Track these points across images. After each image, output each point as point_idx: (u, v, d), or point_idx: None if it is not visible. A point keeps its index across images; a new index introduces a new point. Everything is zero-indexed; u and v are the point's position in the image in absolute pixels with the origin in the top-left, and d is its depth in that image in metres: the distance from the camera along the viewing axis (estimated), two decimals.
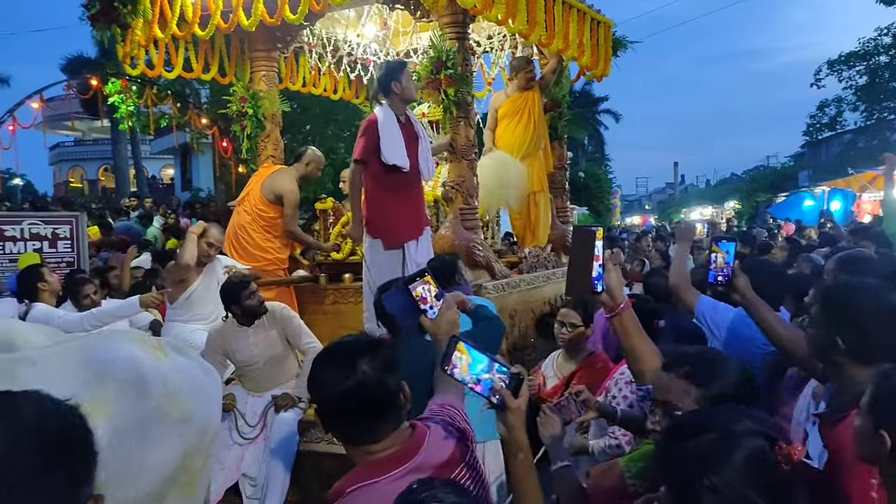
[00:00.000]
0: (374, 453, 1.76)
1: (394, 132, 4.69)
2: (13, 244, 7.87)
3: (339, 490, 1.75)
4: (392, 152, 4.64)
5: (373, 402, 1.74)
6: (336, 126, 14.98)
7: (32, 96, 11.91)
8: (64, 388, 2.76)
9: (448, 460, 1.82)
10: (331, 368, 1.78)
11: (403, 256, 4.71)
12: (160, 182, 34.11)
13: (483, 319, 3.42)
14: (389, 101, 4.79)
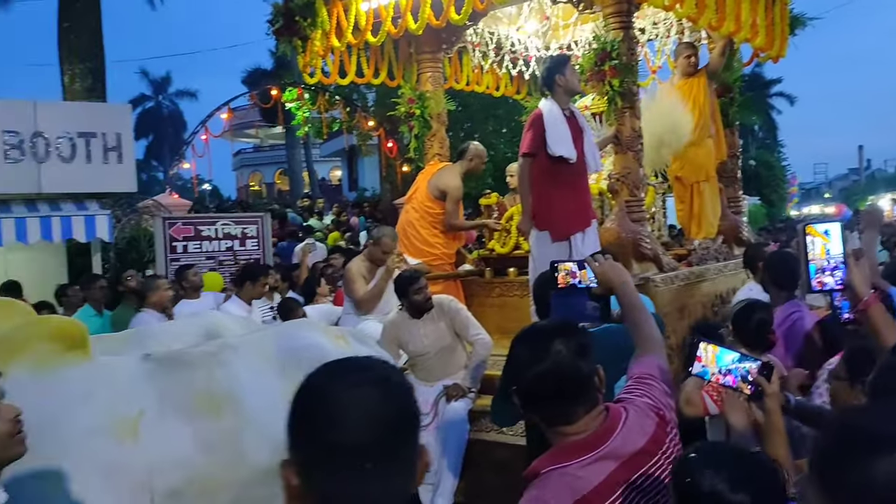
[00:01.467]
0: (567, 436, 1.78)
1: (559, 124, 4.74)
2: (209, 242, 8.71)
3: (534, 470, 1.79)
4: (558, 144, 4.69)
5: (567, 384, 1.76)
6: (496, 122, 15.17)
7: (221, 108, 13.07)
8: (260, 372, 3.08)
9: (644, 448, 1.80)
10: (528, 350, 1.82)
11: (570, 249, 4.72)
12: (329, 183, 36.04)
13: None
14: (554, 95, 4.84)
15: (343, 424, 1.10)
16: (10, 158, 8.79)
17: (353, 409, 1.11)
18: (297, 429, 1.15)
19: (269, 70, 33.02)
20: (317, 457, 1.12)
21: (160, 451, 2.70)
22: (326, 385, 1.15)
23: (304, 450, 1.14)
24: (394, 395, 1.14)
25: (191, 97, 41.89)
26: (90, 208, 9.15)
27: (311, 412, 1.13)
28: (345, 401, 1.12)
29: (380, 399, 1.12)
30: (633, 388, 1.98)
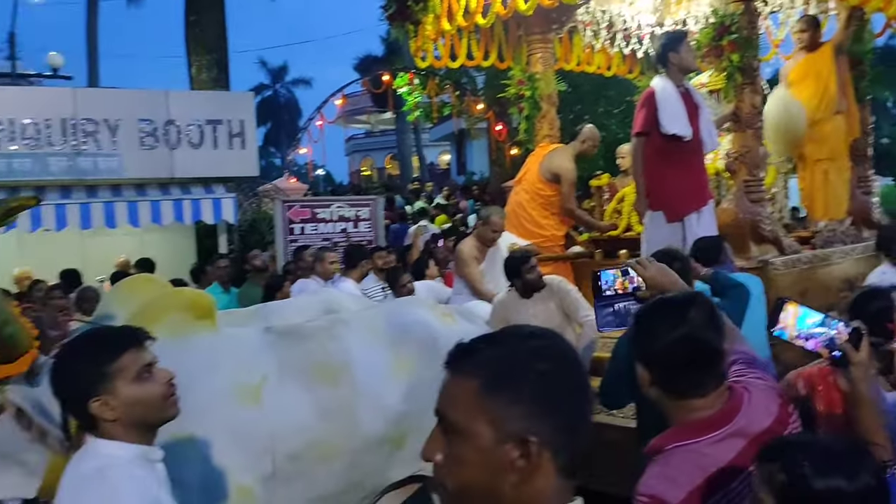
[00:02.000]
0: (696, 410, 1.75)
1: (673, 101, 4.64)
2: (324, 224, 9.06)
3: (657, 446, 1.77)
4: (672, 122, 4.59)
5: (700, 353, 1.75)
6: (607, 102, 14.85)
7: (335, 94, 13.47)
8: (371, 345, 3.21)
9: (770, 428, 1.76)
10: (660, 319, 1.80)
11: (683, 231, 4.62)
12: (438, 167, 36.39)
13: (728, 288, 3.32)
14: (667, 72, 4.73)
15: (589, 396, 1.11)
16: (146, 145, 9.50)
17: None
18: (560, 401, 1.06)
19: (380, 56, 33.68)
20: (576, 427, 1.07)
21: (281, 416, 2.87)
22: (567, 355, 1.11)
23: (567, 420, 1.06)
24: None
25: (306, 85, 43.23)
26: (217, 192, 9.76)
27: (571, 384, 1.08)
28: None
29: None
30: (743, 371, 1.93)
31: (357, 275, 6.10)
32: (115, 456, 1.75)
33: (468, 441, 1.04)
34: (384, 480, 3.22)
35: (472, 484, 1.04)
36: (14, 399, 2.40)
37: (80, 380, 1.75)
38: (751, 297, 3.44)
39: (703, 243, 4.03)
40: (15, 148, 9.00)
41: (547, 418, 1.03)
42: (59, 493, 1.84)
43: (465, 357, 1.09)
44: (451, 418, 1.06)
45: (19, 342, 2.43)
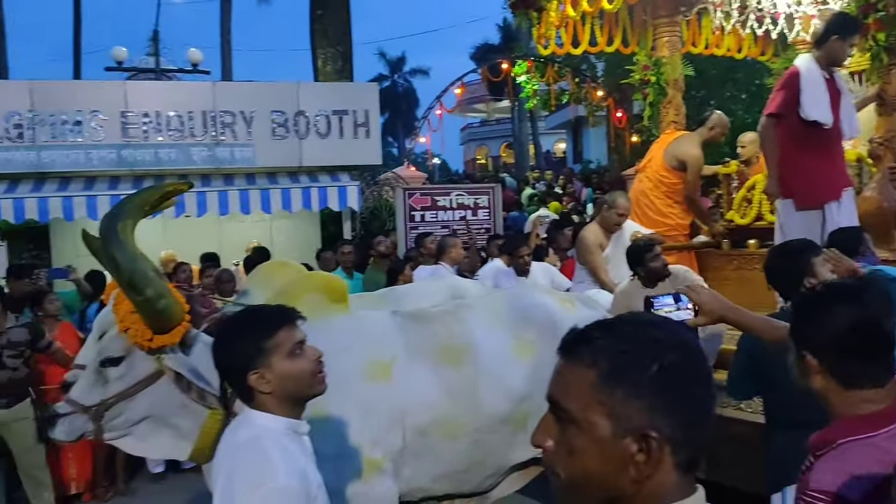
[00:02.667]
0: (868, 402, 1.66)
1: (818, 86, 4.39)
2: (444, 212, 9.20)
3: (825, 440, 1.68)
4: (814, 107, 4.36)
5: (879, 339, 1.67)
6: (734, 86, 14.24)
7: (455, 83, 13.60)
8: (493, 328, 3.27)
9: None
10: (834, 303, 1.73)
11: (823, 219, 4.40)
12: (553, 156, 36.06)
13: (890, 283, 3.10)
14: (817, 54, 4.48)
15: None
16: (277, 136, 9.96)
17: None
18: (682, 394, 1.01)
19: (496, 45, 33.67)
20: (698, 421, 1.03)
21: (410, 393, 3.01)
22: (689, 345, 1.05)
23: (689, 415, 1.01)
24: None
25: (423, 75, 43.86)
26: (342, 180, 10.09)
27: (693, 376, 1.03)
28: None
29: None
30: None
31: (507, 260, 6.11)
32: (268, 427, 1.87)
33: (584, 432, 1.00)
34: (506, 461, 3.30)
35: (588, 475, 1.01)
36: (172, 365, 2.64)
37: (239, 354, 1.89)
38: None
39: (841, 234, 3.85)
40: (161, 139, 9.68)
41: (668, 413, 0.98)
42: (216, 457, 1.99)
43: (580, 344, 1.04)
44: (565, 407, 1.03)
45: (173, 315, 2.63)
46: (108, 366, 2.72)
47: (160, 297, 2.57)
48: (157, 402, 2.73)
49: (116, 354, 2.71)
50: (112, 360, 2.71)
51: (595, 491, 1.02)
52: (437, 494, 3.27)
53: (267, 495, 1.74)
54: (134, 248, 2.58)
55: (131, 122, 9.56)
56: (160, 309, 2.57)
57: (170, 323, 2.62)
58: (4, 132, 9.15)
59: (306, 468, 1.88)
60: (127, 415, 2.73)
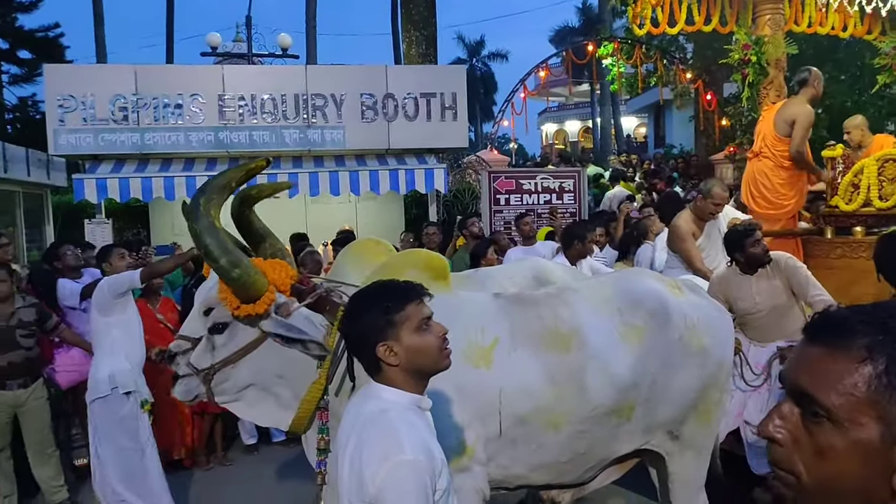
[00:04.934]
0: None
1: None
2: (528, 196, 9.16)
3: None
4: None
5: None
6: (834, 67, 13.61)
7: (539, 65, 13.45)
8: (601, 313, 3.19)
9: None
10: None
11: None
12: (634, 140, 35.30)
13: None
14: None
15: None
16: (366, 118, 10.09)
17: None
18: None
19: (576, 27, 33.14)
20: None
21: (511, 379, 2.94)
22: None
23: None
24: None
25: (502, 59, 43.57)
26: (429, 162, 10.16)
27: None
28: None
29: None
30: None
31: (576, 255, 5.90)
32: (394, 401, 1.91)
33: (845, 433, 0.90)
34: (609, 453, 3.20)
35: (841, 481, 0.91)
36: (269, 328, 2.75)
37: (370, 325, 1.93)
38: None
39: None
40: (255, 121, 9.94)
41: None
42: (342, 429, 2.04)
43: (849, 333, 0.93)
44: (823, 402, 0.92)
45: (252, 285, 2.73)
46: (215, 333, 2.86)
47: (234, 266, 2.68)
48: (258, 369, 2.85)
49: (222, 321, 2.85)
50: (218, 328, 2.86)
51: (847, 499, 0.92)
52: (535, 483, 3.23)
53: (395, 468, 1.77)
54: (212, 222, 2.71)
55: (228, 106, 9.87)
56: (235, 277, 2.68)
57: (252, 293, 2.73)
58: (110, 114, 9.58)
59: (430, 443, 1.90)
60: (233, 380, 2.86)
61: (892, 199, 5.15)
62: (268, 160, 3.07)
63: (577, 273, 4.56)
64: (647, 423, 3.20)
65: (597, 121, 30.35)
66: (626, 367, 3.10)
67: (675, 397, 3.23)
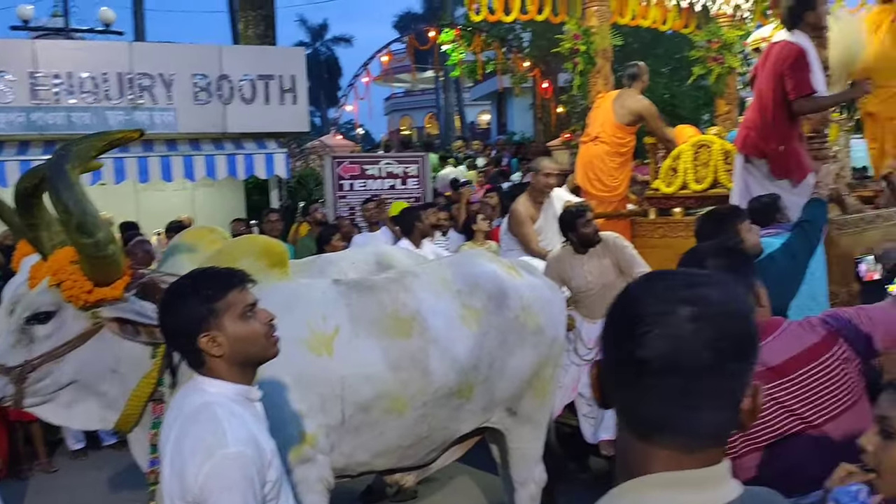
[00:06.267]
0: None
1: (816, 61, 4.48)
2: (373, 181, 9.13)
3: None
4: (819, 82, 4.47)
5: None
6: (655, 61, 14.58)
7: (382, 50, 13.40)
8: (441, 297, 3.23)
9: (796, 356, 2.02)
10: (686, 261, 2.14)
11: None
12: (477, 127, 36.15)
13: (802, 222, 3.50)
14: (797, 31, 4.52)
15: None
16: (200, 100, 9.60)
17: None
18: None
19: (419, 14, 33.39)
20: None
21: (353, 366, 2.91)
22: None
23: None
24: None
25: (346, 43, 43.12)
26: (269, 147, 9.84)
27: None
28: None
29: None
30: (836, 310, 2.19)
31: (419, 236, 5.94)
32: (219, 394, 1.83)
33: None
34: (452, 434, 3.25)
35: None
36: (112, 313, 2.53)
37: (190, 316, 1.83)
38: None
39: (759, 203, 3.98)
40: (74, 101, 9.16)
41: None
42: (165, 425, 1.93)
43: None
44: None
45: (118, 264, 2.53)
46: (35, 323, 2.55)
47: (109, 241, 2.47)
48: (87, 364, 2.60)
49: (45, 309, 2.55)
50: (40, 317, 2.56)
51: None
52: (378, 469, 3.24)
53: (219, 463, 1.71)
54: (83, 191, 2.44)
55: (41, 84, 9.02)
56: (109, 254, 2.46)
57: (114, 273, 2.51)
58: None
59: (258, 435, 1.85)
60: (53, 377, 2.58)
61: (706, 182, 5.56)
62: (141, 131, 2.83)
63: (419, 257, 4.58)
64: (487, 402, 3.29)
65: (442, 107, 30.75)
66: (466, 348, 3.15)
67: (513, 375, 3.33)
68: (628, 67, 6.32)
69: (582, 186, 6.18)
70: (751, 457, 2.03)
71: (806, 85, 4.39)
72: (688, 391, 0.93)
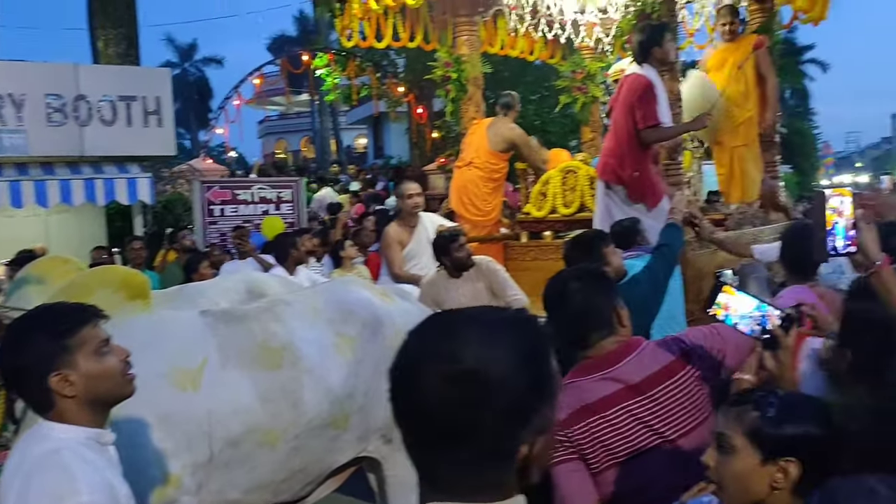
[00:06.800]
0: (583, 358, 2.17)
1: (663, 93, 4.81)
2: (245, 206, 8.88)
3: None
4: (665, 114, 4.77)
5: (581, 314, 2.15)
6: (525, 88, 15.10)
7: (253, 73, 13.15)
8: (313, 326, 3.18)
9: (652, 376, 2.12)
10: (552, 286, 2.23)
11: None
12: (354, 151, 36.06)
13: (660, 246, 3.68)
14: (646, 65, 4.81)
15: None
16: (54, 121, 9.02)
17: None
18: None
19: (294, 36, 33.07)
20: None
21: (220, 401, 2.79)
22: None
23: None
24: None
25: (217, 64, 42.02)
26: (132, 171, 9.37)
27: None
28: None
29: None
30: (691, 330, 2.31)
31: (294, 262, 5.77)
32: (68, 439, 1.71)
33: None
34: (328, 466, 3.17)
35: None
36: None
37: (38, 354, 1.70)
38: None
39: (620, 227, 4.18)
40: None
41: None
42: (6, 474, 1.77)
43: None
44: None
45: None
46: None
47: None
48: None
49: None
50: None
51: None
52: None
53: None
54: None
55: None
56: None
57: None
58: None
59: (113, 480, 1.74)
60: None
61: (574, 206, 5.79)
62: None
63: (292, 284, 4.47)
64: (363, 431, 3.23)
65: (318, 131, 30.47)
66: (340, 378, 3.09)
67: (388, 402, 3.29)
68: (502, 96, 6.50)
69: (456, 211, 6.27)
70: (610, 472, 2.09)
71: (652, 116, 4.70)
72: (441, 446, 0.97)
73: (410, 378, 1.00)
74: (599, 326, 2.16)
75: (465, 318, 1.04)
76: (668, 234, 3.79)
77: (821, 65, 35.27)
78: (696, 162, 6.59)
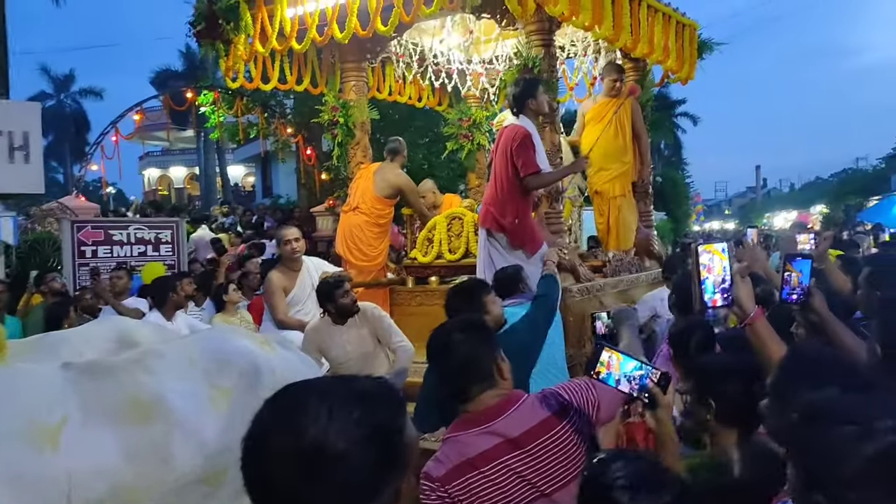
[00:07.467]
0: (464, 411, 2.22)
1: (540, 142, 5.00)
2: (120, 248, 8.43)
3: (444, 436, 2.26)
4: (543, 161, 4.94)
5: (463, 367, 2.21)
6: (414, 132, 15.30)
7: (133, 108, 12.66)
8: (187, 377, 3.04)
9: (531, 430, 2.16)
10: (435, 337, 2.32)
11: None
12: (242, 189, 35.30)
13: (538, 297, 3.81)
14: (523, 116, 5.02)
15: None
16: None
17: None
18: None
19: (179, 71, 32.20)
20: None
21: (82, 460, 2.60)
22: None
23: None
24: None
25: (95, 96, 40.23)
26: None
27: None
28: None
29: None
30: (567, 384, 2.36)
31: (172, 307, 5.47)
32: None
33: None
34: None
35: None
36: None
37: None
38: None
39: (503, 275, 4.25)
40: None
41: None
42: None
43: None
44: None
45: None
46: None
47: None
48: None
49: None
50: None
51: None
52: None
53: None
54: None
55: None
56: None
57: None
58: None
59: None
60: None
61: (459, 252, 5.87)
62: None
63: (167, 332, 4.26)
64: (240, 485, 3.08)
65: (202, 168, 29.62)
66: (215, 431, 2.94)
67: None
68: (389, 142, 6.54)
69: (342, 255, 6.23)
70: None
71: (531, 164, 4.88)
72: None
73: (258, 449, 1.04)
74: (480, 379, 2.20)
75: (317, 392, 1.06)
76: (545, 284, 3.92)
77: (692, 118, 37.79)
78: (577, 210, 6.83)
